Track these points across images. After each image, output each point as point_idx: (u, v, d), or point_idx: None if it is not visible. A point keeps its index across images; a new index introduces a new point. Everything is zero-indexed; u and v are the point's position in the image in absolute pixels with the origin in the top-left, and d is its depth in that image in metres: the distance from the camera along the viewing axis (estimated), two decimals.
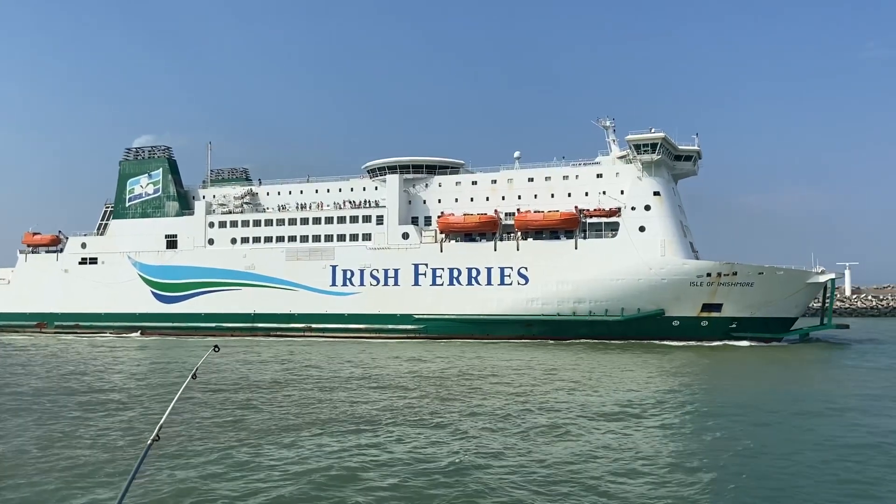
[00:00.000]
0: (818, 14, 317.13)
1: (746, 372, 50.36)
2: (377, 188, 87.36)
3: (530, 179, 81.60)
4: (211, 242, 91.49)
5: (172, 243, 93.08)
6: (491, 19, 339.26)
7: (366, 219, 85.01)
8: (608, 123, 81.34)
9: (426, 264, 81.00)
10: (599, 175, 78.80)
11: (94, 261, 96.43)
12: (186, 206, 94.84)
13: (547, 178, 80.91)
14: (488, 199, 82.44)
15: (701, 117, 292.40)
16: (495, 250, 78.59)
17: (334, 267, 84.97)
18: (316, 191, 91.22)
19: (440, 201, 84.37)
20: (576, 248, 75.42)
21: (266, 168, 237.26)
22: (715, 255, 75.51)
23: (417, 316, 79.83)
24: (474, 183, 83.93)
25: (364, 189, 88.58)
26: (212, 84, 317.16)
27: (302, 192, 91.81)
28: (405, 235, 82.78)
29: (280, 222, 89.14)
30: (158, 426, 9.81)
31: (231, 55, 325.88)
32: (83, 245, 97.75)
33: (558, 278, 75.10)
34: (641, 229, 74.17)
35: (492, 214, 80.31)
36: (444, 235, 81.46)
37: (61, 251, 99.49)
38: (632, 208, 75.15)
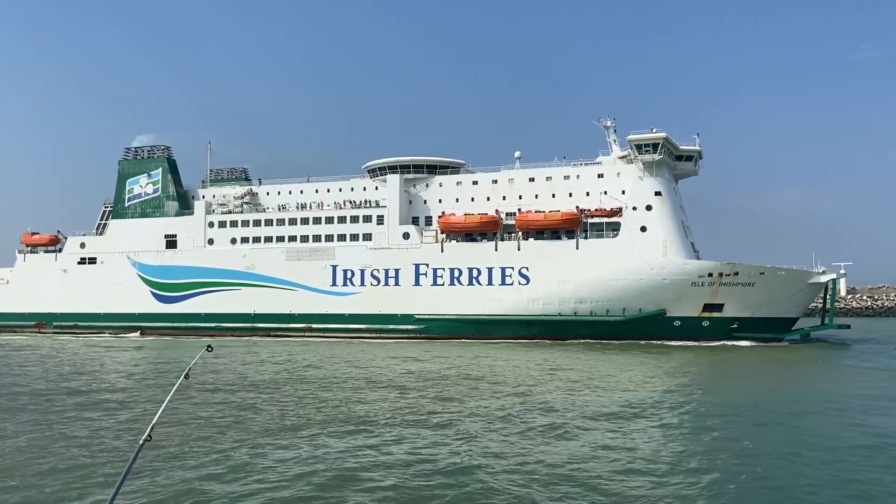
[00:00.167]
0: (813, 15, 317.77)
1: (747, 372, 50.14)
2: (377, 188, 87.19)
3: (531, 179, 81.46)
4: (211, 242, 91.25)
5: (172, 243, 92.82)
6: (491, 19, 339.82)
7: (366, 219, 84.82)
8: (609, 123, 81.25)
9: (427, 264, 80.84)
10: (601, 175, 78.68)
11: (94, 261, 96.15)
12: (186, 206, 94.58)
13: (548, 178, 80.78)
14: (489, 199, 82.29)
15: (699, 117, 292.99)
16: (496, 250, 78.44)
17: (335, 267, 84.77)
18: (316, 191, 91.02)
19: (441, 201, 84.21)
20: (577, 249, 75.29)
21: (266, 168, 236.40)
22: (712, 255, 75.72)
23: (418, 316, 79.65)
24: (475, 183, 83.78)
25: (364, 189, 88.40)
26: (211, 84, 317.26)
27: (302, 192, 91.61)
28: (406, 235, 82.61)
29: (280, 222, 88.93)
30: (150, 426, 9.68)
31: (230, 55, 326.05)
32: (82, 245, 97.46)
33: (559, 278, 74.96)
34: (643, 229, 74.06)
35: (493, 214, 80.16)
36: (445, 235, 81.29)
37: (60, 251, 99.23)
38: (633, 208, 75.02)
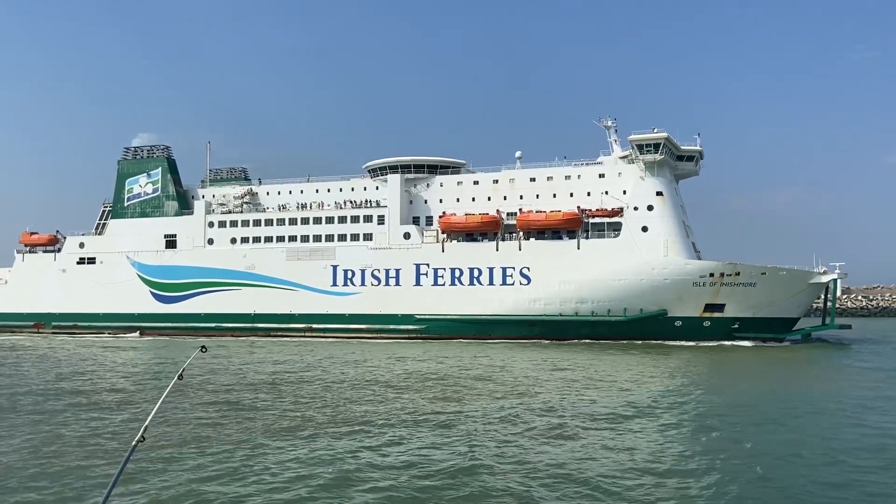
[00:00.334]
0: (809, 15, 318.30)
1: (748, 372, 50.12)
2: (378, 188, 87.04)
3: (532, 179, 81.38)
4: (210, 242, 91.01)
5: (172, 243, 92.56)
6: (491, 18, 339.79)
7: (367, 218, 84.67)
8: (610, 123, 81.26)
9: (428, 264, 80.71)
10: (602, 175, 78.62)
11: (93, 261, 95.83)
12: (186, 206, 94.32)
13: (549, 178, 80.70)
14: (490, 199, 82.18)
15: (694, 117, 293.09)
16: (497, 250, 78.35)
17: (335, 267, 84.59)
18: (316, 190, 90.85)
19: (441, 201, 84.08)
20: (578, 249, 75.22)
21: (265, 168, 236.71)
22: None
23: (419, 316, 79.52)
24: (476, 183, 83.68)
25: (365, 189, 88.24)
26: (210, 84, 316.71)
27: (302, 192, 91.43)
28: (407, 235, 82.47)
29: (280, 222, 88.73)
30: (143, 427, 9.63)
31: (229, 54, 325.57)
32: (81, 245, 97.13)
33: (561, 278, 74.88)
34: (644, 229, 74.01)
35: (494, 214, 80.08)
36: (446, 235, 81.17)
37: (59, 251, 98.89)
38: (634, 208, 74.98)
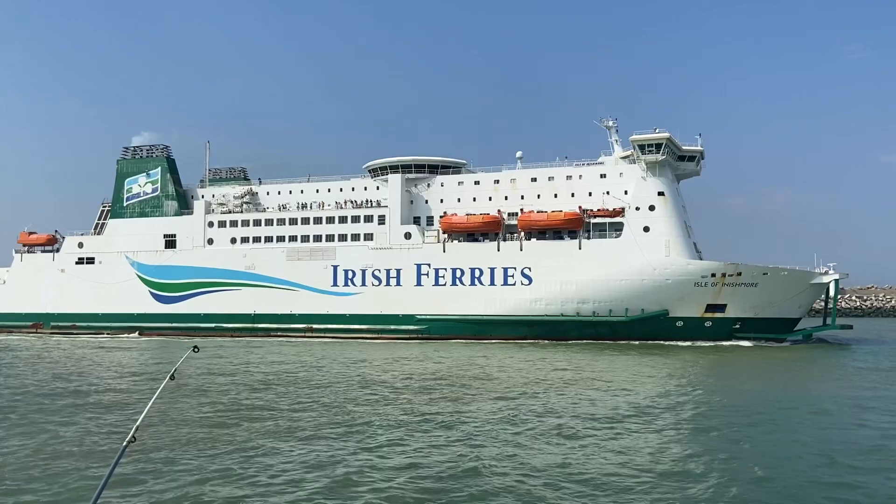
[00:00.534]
0: (804, 16, 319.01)
1: (749, 373, 50.18)
2: (378, 188, 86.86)
3: (533, 179, 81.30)
4: (210, 242, 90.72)
5: (171, 243, 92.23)
6: (492, 19, 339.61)
7: (367, 218, 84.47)
8: (611, 123, 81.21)
9: (429, 264, 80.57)
10: (603, 175, 78.58)
11: (92, 260, 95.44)
12: (185, 206, 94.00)
13: (550, 178, 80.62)
14: (491, 199, 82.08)
15: (689, 117, 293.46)
16: (498, 250, 78.25)
17: (335, 267, 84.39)
18: (317, 190, 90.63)
19: (442, 201, 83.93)
20: (580, 249, 75.17)
21: (265, 168, 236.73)
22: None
23: (420, 316, 79.38)
24: (477, 183, 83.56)
25: (365, 189, 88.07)
26: (209, 83, 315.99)
27: (302, 192, 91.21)
28: (407, 235, 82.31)
29: (280, 222, 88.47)
30: (134, 428, 9.58)
31: (228, 55, 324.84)
32: (80, 245, 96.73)
33: (562, 279, 74.82)
34: (646, 229, 73.99)
35: (495, 214, 79.97)
36: (447, 235, 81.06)
37: (58, 251, 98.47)
38: (636, 208, 74.95)
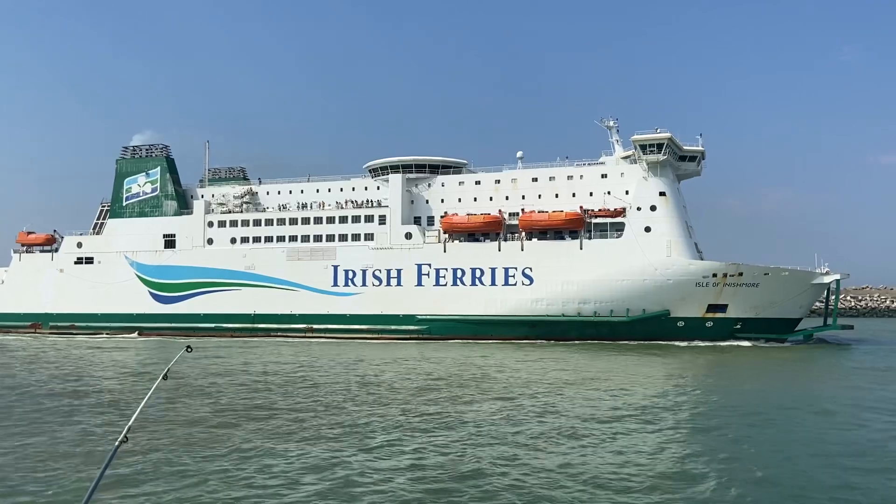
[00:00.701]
0: (798, 16, 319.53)
1: (749, 374, 50.21)
2: (379, 188, 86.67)
3: (534, 179, 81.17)
4: (210, 242, 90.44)
5: (170, 243, 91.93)
6: (493, 19, 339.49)
7: (368, 218, 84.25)
8: (612, 123, 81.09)
9: (429, 264, 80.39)
10: (604, 175, 78.47)
11: (91, 260, 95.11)
12: (185, 206, 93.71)
13: (551, 178, 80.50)
14: (492, 199, 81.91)
15: (691, 118, 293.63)
16: (499, 250, 78.10)
17: (336, 267, 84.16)
18: (317, 190, 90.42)
19: (443, 201, 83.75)
20: (581, 249, 75.04)
21: (264, 168, 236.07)
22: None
23: (420, 317, 79.20)
24: (478, 183, 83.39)
25: (366, 189, 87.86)
26: (208, 83, 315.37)
27: (303, 192, 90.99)
28: (408, 235, 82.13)
29: (281, 222, 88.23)
30: (126, 427, 9.44)
31: (228, 55, 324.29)
32: (79, 244, 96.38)
33: (563, 279, 74.68)
34: (647, 230, 73.88)
35: (496, 214, 79.83)
36: (448, 235, 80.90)
37: (56, 251, 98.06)
38: (637, 209, 74.84)
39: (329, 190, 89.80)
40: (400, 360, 55.37)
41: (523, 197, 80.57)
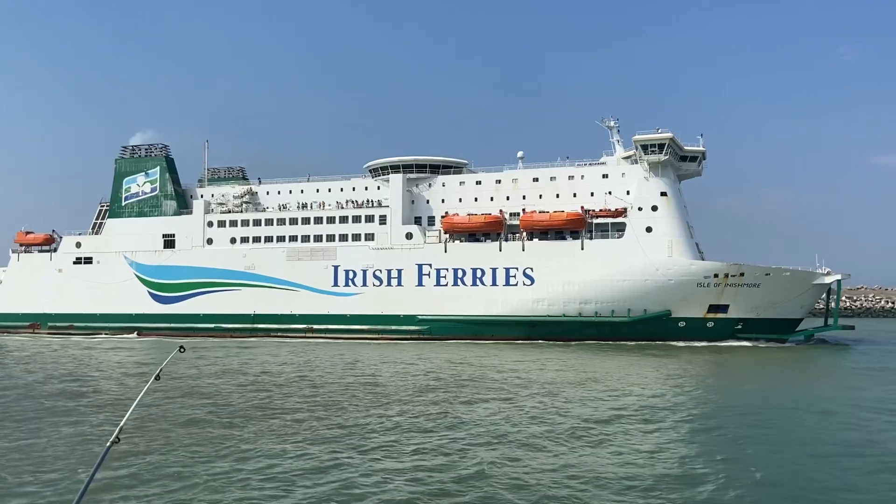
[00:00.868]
0: (793, 17, 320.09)
1: (749, 374, 50.13)
2: (379, 188, 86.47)
3: (535, 179, 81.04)
4: (210, 242, 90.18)
5: (170, 243, 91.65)
6: (493, 19, 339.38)
7: (368, 218, 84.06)
8: (612, 124, 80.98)
9: (430, 265, 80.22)
10: (605, 175, 78.35)
11: (90, 260, 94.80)
12: (184, 206, 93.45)
13: (552, 178, 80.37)
14: (492, 199, 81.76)
15: (689, 118, 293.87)
16: (500, 251, 77.96)
17: (336, 267, 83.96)
18: (317, 190, 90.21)
19: (444, 201, 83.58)
20: (582, 249, 74.91)
21: (263, 168, 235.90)
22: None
23: (421, 317, 79.02)
24: (478, 183, 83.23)
25: (366, 189, 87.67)
26: (207, 83, 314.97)
27: (303, 192, 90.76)
28: (409, 235, 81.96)
29: (281, 222, 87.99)
30: (118, 428, 9.30)
31: (227, 55, 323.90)
32: (78, 244, 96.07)
33: (564, 279, 74.55)
34: (648, 230, 73.79)
35: (497, 214, 79.69)
36: (449, 235, 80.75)
37: (55, 251, 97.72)
38: (638, 209, 74.73)
39: (329, 190, 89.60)
40: (400, 361, 55.15)
41: (524, 197, 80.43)
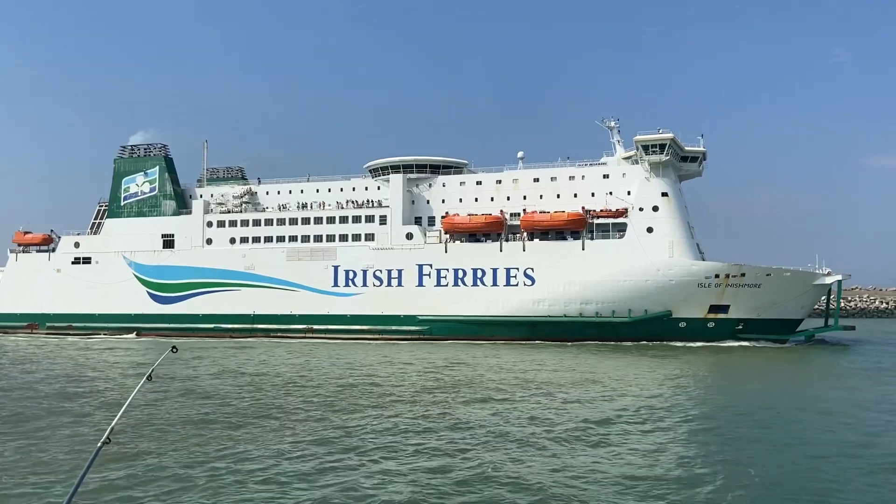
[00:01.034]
0: (788, 18, 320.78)
1: (748, 375, 50.22)
2: (380, 188, 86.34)
3: (536, 180, 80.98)
4: (209, 242, 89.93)
5: (169, 243, 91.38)
6: (494, 19, 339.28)
7: (369, 219, 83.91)
8: (613, 124, 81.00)
9: (430, 265, 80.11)
10: (606, 176, 78.34)
11: (88, 260, 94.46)
12: (183, 206, 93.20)
13: (553, 179, 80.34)
14: (493, 200, 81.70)
15: (688, 119, 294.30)
16: (501, 251, 77.89)
17: (336, 267, 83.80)
18: (317, 190, 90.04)
19: (444, 201, 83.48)
20: (583, 249, 74.88)
21: (263, 168, 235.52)
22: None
23: (421, 317, 78.89)
24: (479, 183, 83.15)
25: (366, 189, 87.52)
26: (206, 83, 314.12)
27: (303, 192, 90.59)
28: (409, 236, 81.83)
29: (280, 222, 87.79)
30: (109, 429, 9.35)
31: (226, 55, 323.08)
32: (76, 244, 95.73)
33: (565, 279, 74.52)
34: (649, 230, 73.79)
35: (497, 215, 79.60)
36: (449, 236, 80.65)
37: (53, 251, 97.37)
38: (639, 209, 74.73)
39: (329, 190, 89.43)
40: (400, 361, 55.03)
41: (525, 197, 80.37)
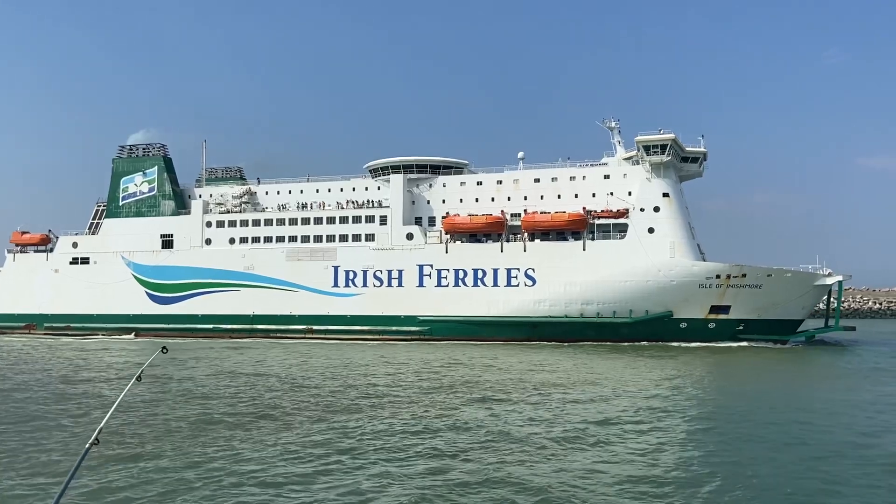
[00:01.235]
0: (785, 19, 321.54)
1: (749, 375, 50.30)
2: (380, 188, 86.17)
3: (536, 180, 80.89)
4: (208, 242, 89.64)
5: (168, 243, 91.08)
6: (494, 19, 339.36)
7: (369, 219, 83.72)
8: (613, 124, 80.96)
9: (431, 265, 79.96)
10: (607, 176, 78.28)
11: (86, 260, 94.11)
12: (182, 206, 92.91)
13: (553, 179, 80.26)
14: (493, 200, 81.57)
15: (688, 119, 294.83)
16: (502, 251, 77.78)
17: (336, 267, 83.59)
18: (317, 190, 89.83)
19: (444, 202, 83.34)
20: (584, 250, 74.81)
21: (262, 168, 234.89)
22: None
23: (422, 318, 78.73)
24: (479, 183, 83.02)
25: (366, 189, 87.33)
26: (206, 83, 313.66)
27: (302, 192, 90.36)
28: (409, 236, 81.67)
29: (280, 222, 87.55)
30: (98, 429, 9.27)
31: (226, 55, 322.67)
32: (74, 244, 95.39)
33: (566, 280, 74.44)
34: (650, 231, 73.75)
35: (498, 215, 79.48)
36: (450, 236, 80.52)
37: (51, 251, 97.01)
38: (640, 210, 74.69)
39: (329, 190, 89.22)
40: (400, 362, 54.87)
41: (525, 198, 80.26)
